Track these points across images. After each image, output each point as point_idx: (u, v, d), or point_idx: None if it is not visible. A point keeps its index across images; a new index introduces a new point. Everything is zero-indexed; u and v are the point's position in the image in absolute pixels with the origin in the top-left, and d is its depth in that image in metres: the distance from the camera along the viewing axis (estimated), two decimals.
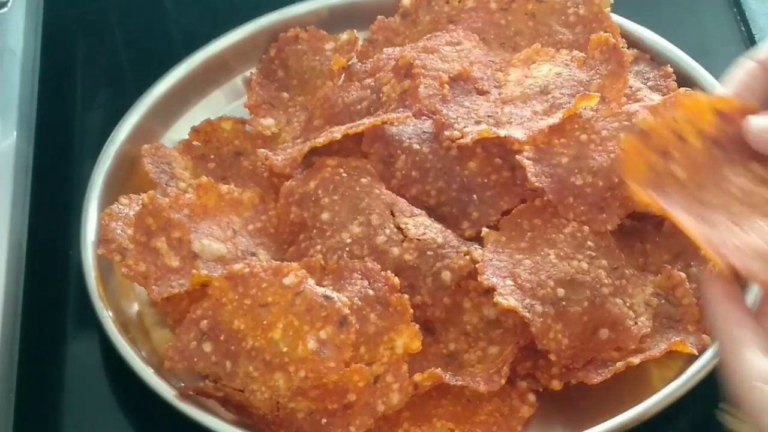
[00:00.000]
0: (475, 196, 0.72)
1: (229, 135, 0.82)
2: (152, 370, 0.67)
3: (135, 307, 0.74)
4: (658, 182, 0.56)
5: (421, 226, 0.70)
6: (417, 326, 0.65)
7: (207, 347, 0.66)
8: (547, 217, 0.71)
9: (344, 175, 0.73)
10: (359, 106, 0.77)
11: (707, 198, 0.56)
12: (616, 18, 0.82)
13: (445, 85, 0.75)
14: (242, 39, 0.87)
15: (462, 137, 0.72)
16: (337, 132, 0.73)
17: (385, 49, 0.81)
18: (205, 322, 0.67)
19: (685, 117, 0.57)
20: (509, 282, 0.67)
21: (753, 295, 0.68)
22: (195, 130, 0.82)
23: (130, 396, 0.71)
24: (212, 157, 0.81)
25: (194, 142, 0.81)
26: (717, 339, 0.52)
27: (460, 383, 0.65)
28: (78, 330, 0.76)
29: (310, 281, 0.66)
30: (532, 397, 0.67)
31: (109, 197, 0.76)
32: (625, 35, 0.82)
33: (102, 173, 0.78)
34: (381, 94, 0.76)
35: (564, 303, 0.66)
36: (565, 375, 0.67)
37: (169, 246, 0.70)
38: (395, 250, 0.69)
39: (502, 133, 0.71)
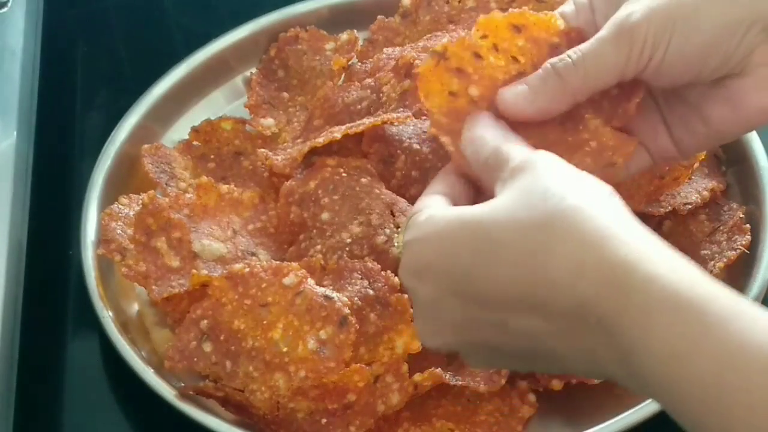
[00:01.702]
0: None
1: (229, 135, 0.82)
2: (152, 370, 0.67)
3: (135, 307, 0.74)
4: (455, 105, 0.56)
5: None
6: None
7: (207, 347, 0.66)
8: None
9: (344, 175, 0.73)
10: (359, 106, 0.77)
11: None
12: None
13: None
14: (242, 39, 0.87)
15: None
16: (337, 132, 0.73)
17: (385, 49, 0.81)
18: (205, 322, 0.67)
19: (481, 35, 0.57)
20: None
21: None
22: (195, 130, 0.82)
23: (130, 396, 0.71)
24: (212, 157, 0.81)
25: (194, 142, 0.81)
26: None
27: (460, 383, 0.65)
28: (78, 330, 0.76)
29: (310, 281, 0.66)
30: (532, 397, 0.67)
31: (109, 197, 0.76)
32: None
33: (102, 173, 0.78)
34: (381, 94, 0.76)
35: None
36: (565, 374, 0.67)
37: (169, 246, 0.71)
38: (395, 250, 0.69)
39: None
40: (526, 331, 0.46)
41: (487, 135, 0.52)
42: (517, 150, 0.50)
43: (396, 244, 0.62)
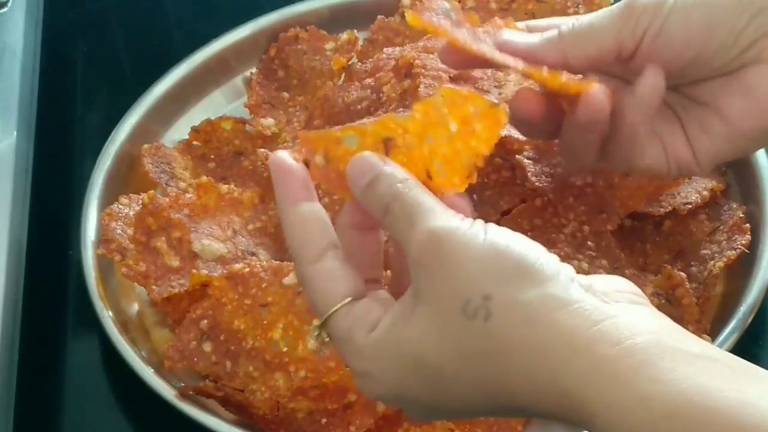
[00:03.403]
0: (474, 196, 0.72)
1: (229, 135, 0.82)
2: (152, 370, 0.67)
3: (135, 307, 0.73)
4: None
5: None
6: None
7: (207, 347, 0.66)
8: (547, 217, 0.71)
9: None
10: (359, 106, 0.76)
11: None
12: None
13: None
14: (242, 39, 0.87)
15: None
16: None
17: (385, 49, 0.81)
18: (205, 322, 0.67)
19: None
20: None
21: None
22: (195, 130, 0.82)
23: (130, 396, 0.71)
24: (212, 157, 0.81)
25: (194, 142, 0.81)
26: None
27: None
28: (78, 330, 0.76)
29: None
30: None
31: (109, 197, 0.76)
32: None
33: (102, 173, 0.78)
34: (381, 94, 0.76)
35: None
36: None
37: (169, 246, 0.70)
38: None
39: (502, 132, 0.71)
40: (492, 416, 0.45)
41: (382, 183, 0.45)
42: (423, 216, 0.43)
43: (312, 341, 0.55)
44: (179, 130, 0.83)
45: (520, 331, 0.41)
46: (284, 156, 0.47)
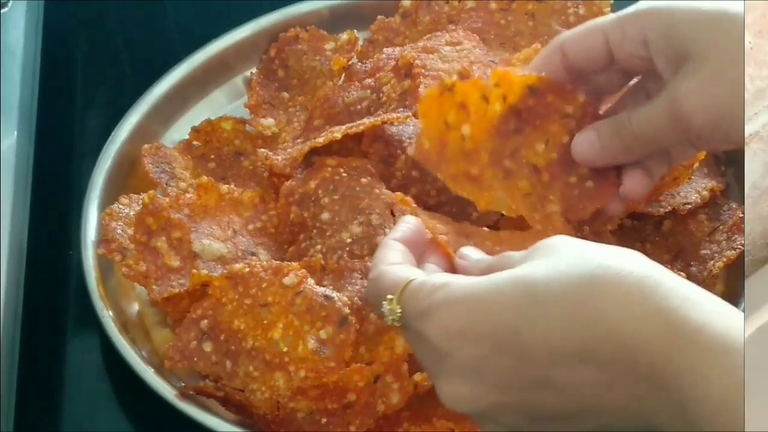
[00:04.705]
0: None
1: (229, 135, 0.82)
2: (152, 370, 0.67)
3: (135, 307, 0.74)
4: (444, 136, 0.60)
5: None
6: None
7: (207, 347, 0.66)
8: None
9: (344, 175, 0.73)
10: (359, 106, 0.77)
11: (481, 158, 0.61)
12: None
13: None
14: (242, 39, 0.87)
15: None
16: (337, 132, 0.73)
17: (385, 49, 0.81)
18: (205, 321, 0.67)
19: (494, 83, 0.59)
20: None
21: None
22: (195, 130, 0.82)
23: (130, 396, 0.71)
24: (212, 157, 0.81)
25: (194, 142, 0.81)
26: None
27: None
28: (78, 330, 0.76)
29: (310, 281, 0.66)
30: None
31: (109, 197, 0.76)
32: None
33: (102, 173, 0.78)
34: (381, 94, 0.76)
35: None
36: None
37: (169, 246, 0.71)
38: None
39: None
40: (574, 384, 0.44)
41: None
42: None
43: (386, 312, 0.52)
44: (179, 130, 0.83)
45: (623, 270, 0.46)
46: (415, 226, 0.57)
